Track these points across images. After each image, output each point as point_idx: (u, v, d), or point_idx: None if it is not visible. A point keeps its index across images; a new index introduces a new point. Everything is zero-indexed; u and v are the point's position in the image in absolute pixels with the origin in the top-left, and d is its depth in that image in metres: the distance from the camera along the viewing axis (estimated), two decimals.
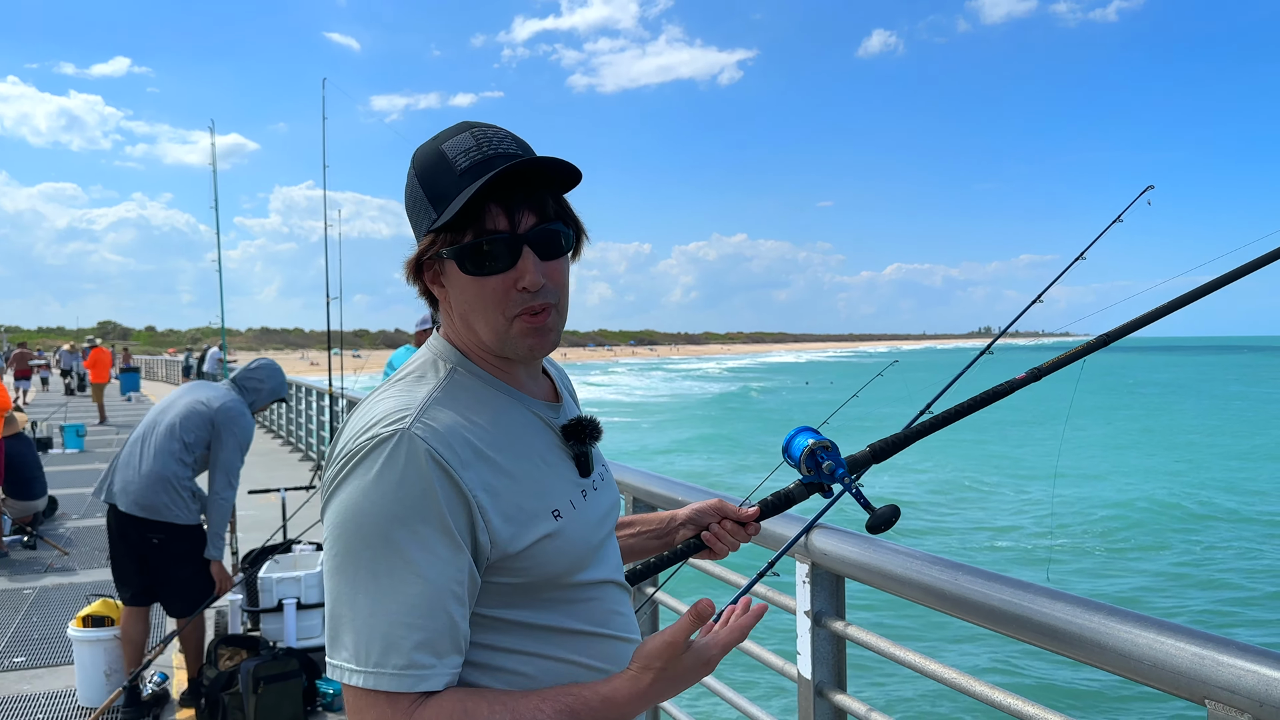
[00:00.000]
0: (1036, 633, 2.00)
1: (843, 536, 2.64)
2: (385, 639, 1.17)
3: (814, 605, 2.78)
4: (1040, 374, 1.97)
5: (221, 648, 4.83)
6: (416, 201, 1.35)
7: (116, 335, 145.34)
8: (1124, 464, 24.89)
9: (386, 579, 1.18)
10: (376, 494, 1.20)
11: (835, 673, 2.79)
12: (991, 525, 17.35)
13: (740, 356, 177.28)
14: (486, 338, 1.34)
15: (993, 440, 27.72)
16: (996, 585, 2.14)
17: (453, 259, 1.31)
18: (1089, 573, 14.09)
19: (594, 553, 1.40)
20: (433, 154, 1.33)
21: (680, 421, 39.12)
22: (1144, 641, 1.76)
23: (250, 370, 5.18)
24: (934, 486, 21.40)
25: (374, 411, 1.28)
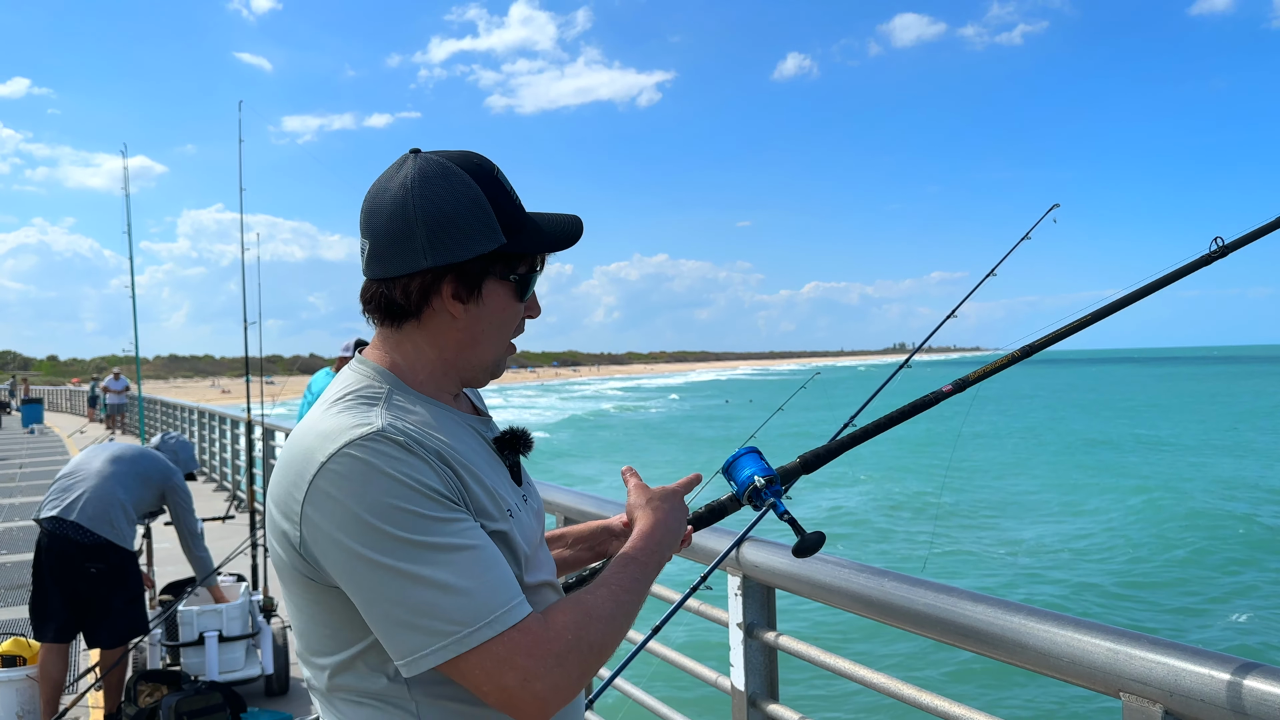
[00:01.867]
0: (960, 635, 2.08)
1: (772, 548, 2.70)
2: (483, 590, 1.21)
3: (745, 617, 2.83)
4: (965, 384, 2.04)
5: (141, 684, 4.69)
6: (473, 216, 1.35)
7: (17, 365, 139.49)
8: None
9: (440, 547, 1.21)
10: (381, 489, 1.22)
11: (767, 683, 2.84)
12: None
13: (663, 375, 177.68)
14: (487, 358, 1.45)
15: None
16: (920, 590, 2.21)
17: (516, 284, 1.41)
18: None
19: (533, 555, 1.45)
20: (493, 179, 1.39)
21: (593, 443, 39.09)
22: (1061, 639, 1.84)
23: (168, 443, 5.39)
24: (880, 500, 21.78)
25: (327, 427, 1.28)
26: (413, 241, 1.34)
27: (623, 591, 1.35)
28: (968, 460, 27.79)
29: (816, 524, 1.82)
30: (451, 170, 1.36)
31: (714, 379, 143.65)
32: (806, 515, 1.93)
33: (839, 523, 18.19)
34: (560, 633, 1.24)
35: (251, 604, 5.45)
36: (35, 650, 4.79)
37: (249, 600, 5.42)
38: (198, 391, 74.43)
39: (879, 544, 16.68)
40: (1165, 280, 2.01)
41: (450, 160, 1.38)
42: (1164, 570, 14.72)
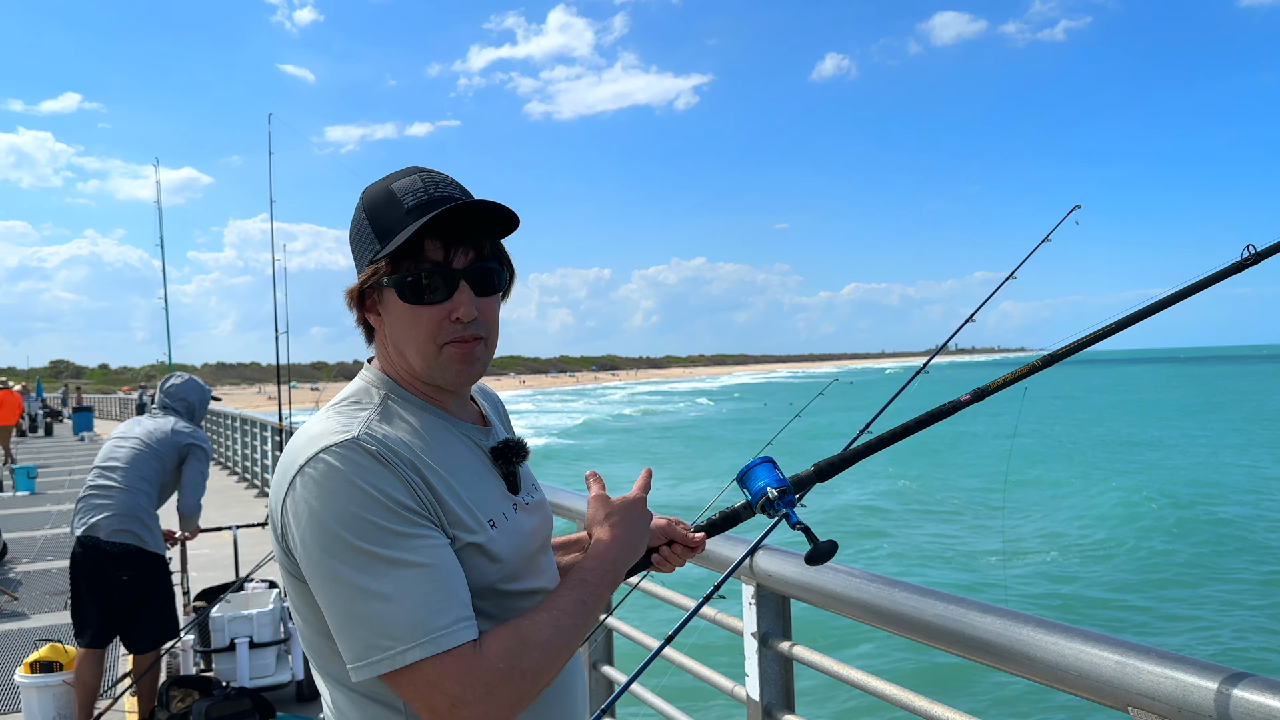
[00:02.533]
0: (969, 647, 2.04)
1: (785, 557, 2.67)
2: (423, 610, 1.23)
3: (760, 626, 2.80)
4: (984, 394, 2.00)
5: (174, 689, 4.75)
6: (362, 234, 1.43)
7: (70, 374, 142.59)
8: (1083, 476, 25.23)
9: (393, 561, 1.24)
10: (345, 495, 1.26)
11: (783, 693, 2.81)
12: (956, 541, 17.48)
13: (696, 379, 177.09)
14: (417, 364, 1.42)
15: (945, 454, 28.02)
16: (930, 601, 2.17)
17: (393, 288, 1.39)
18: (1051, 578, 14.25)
19: (527, 563, 1.47)
20: (382, 192, 1.42)
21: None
22: (1070, 651, 1.80)
23: (174, 393, 5.26)
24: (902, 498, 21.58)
25: (315, 430, 1.34)
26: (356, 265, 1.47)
27: (566, 616, 1.34)
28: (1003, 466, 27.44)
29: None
30: (361, 195, 1.46)
31: (747, 382, 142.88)
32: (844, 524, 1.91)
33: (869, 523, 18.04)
34: (493, 661, 1.25)
35: (282, 610, 5.51)
36: (72, 656, 4.88)
37: (280, 607, 5.48)
38: (244, 398, 75.71)
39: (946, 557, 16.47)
40: (1195, 288, 1.95)
41: (368, 186, 1.47)
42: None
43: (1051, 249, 2.89)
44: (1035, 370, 2.06)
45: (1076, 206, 3.26)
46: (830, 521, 19.10)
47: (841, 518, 19.45)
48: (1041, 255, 2.89)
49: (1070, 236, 3.02)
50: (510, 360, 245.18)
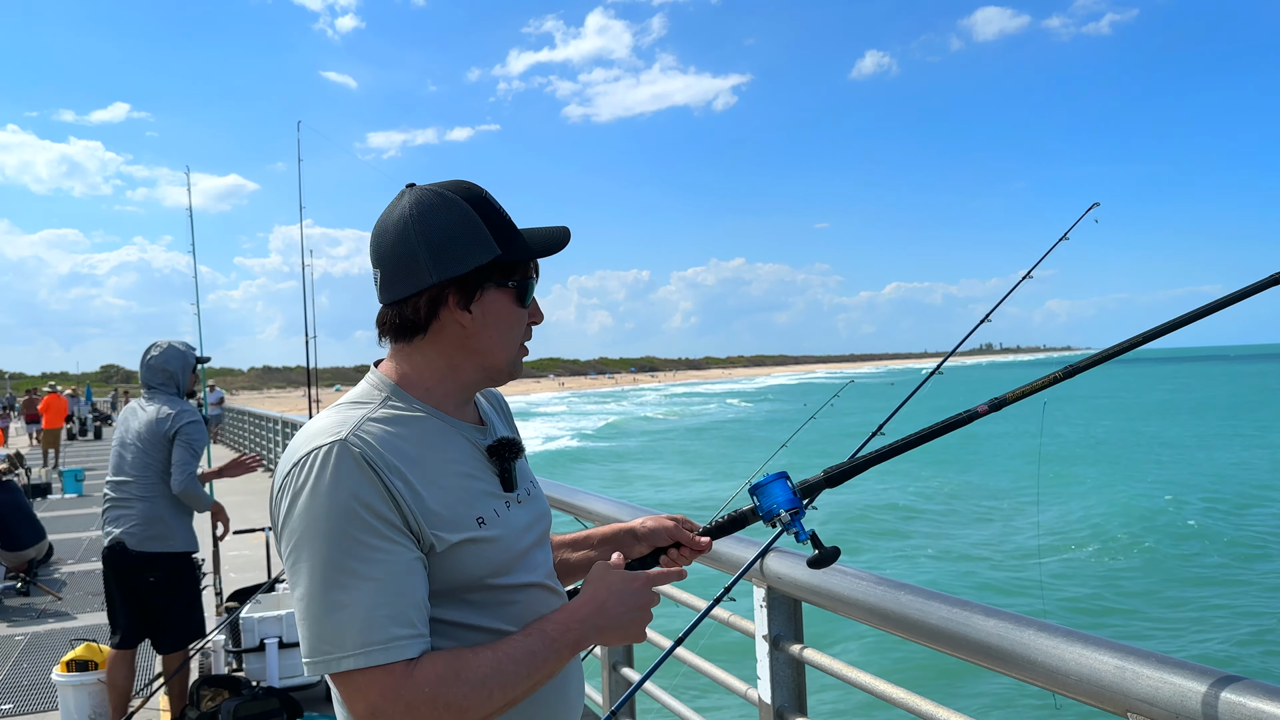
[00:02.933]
0: (972, 651, 2.01)
1: (795, 559, 2.66)
2: (364, 621, 1.29)
3: (771, 629, 2.78)
4: (1001, 404, 1.96)
5: (204, 688, 4.82)
6: (467, 230, 1.48)
7: (120, 378, 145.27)
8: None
9: (351, 569, 1.31)
10: (325, 496, 1.33)
11: (795, 696, 2.79)
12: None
13: (728, 381, 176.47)
14: (500, 359, 1.54)
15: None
16: (935, 604, 2.15)
17: (515, 289, 1.52)
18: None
19: (519, 559, 1.52)
20: (479, 197, 1.52)
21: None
22: (1070, 655, 1.77)
23: (154, 366, 5.02)
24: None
25: (313, 429, 1.42)
26: (416, 263, 1.47)
27: (509, 661, 1.36)
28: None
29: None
30: (444, 196, 1.50)
31: (784, 383, 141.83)
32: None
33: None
34: (419, 683, 1.30)
35: None
36: (106, 655, 4.96)
37: None
38: (289, 401, 76.68)
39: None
40: (1234, 298, 1.90)
41: (443, 188, 1.51)
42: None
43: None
44: (1055, 381, 2.02)
45: (1095, 204, 3.21)
46: (863, 519, 18.98)
47: (875, 516, 19.32)
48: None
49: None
50: (550, 362, 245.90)
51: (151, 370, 5.01)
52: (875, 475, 16.37)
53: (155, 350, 5.04)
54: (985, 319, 3.17)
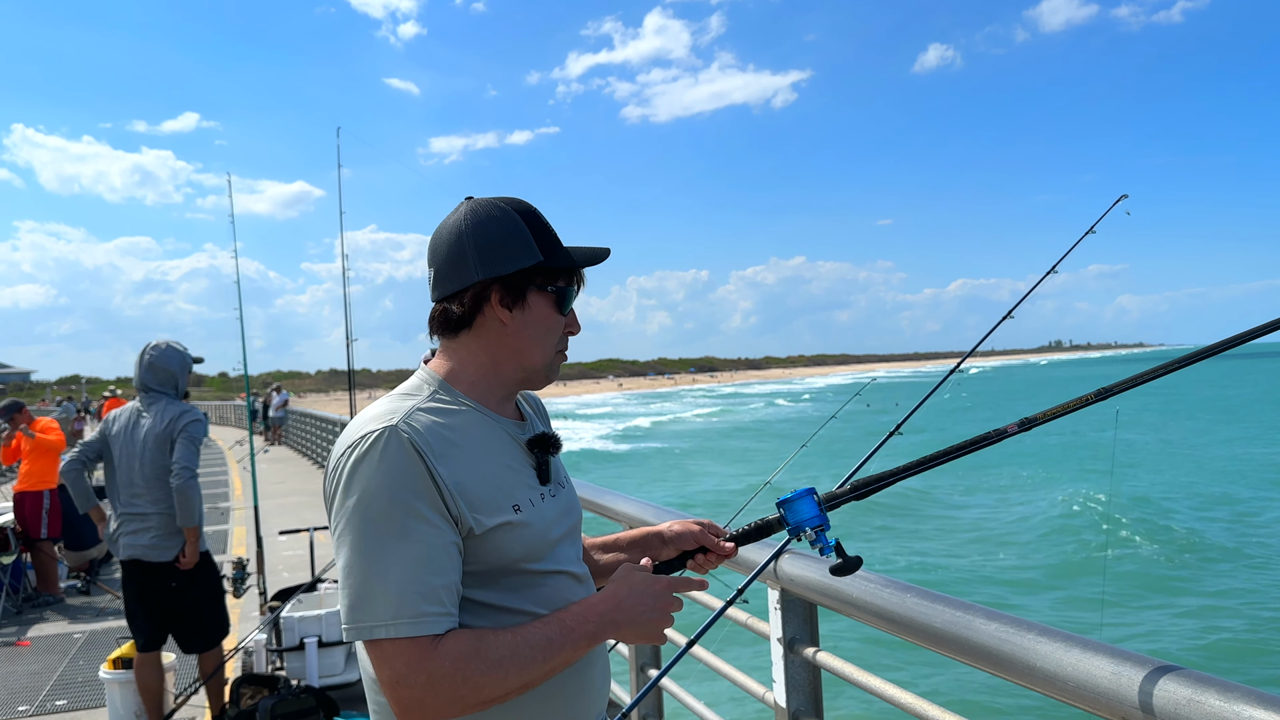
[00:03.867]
0: (974, 654, 1.97)
1: (809, 561, 2.62)
2: (398, 595, 1.39)
3: (786, 632, 2.75)
4: (1030, 424, 1.91)
5: (244, 686, 4.90)
6: (514, 238, 1.60)
7: (191, 383, 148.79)
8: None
9: (392, 546, 1.41)
10: (374, 478, 1.43)
11: (811, 700, 2.75)
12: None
13: (779, 381, 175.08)
14: (537, 361, 1.65)
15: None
16: (939, 606, 2.11)
17: (555, 294, 1.63)
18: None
19: (550, 547, 1.62)
20: (527, 208, 1.65)
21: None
22: (1069, 660, 1.72)
23: (156, 366, 4.97)
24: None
25: (367, 415, 1.53)
26: (465, 261, 1.60)
27: (527, 646, 1.44)
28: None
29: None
30: (496, 205, 1.63)
31: (837, 383, 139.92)
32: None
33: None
34: (442, 657, 1.40)
35: None
36: (135, 660, 5.05)
37: None
38: (356, 404, 77.80)
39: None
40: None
41: (497, 200, 1.66)
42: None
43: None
44: (1087, 403, 1.96)
45: (1124, 196, 3.12)
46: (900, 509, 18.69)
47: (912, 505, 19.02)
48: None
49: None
50: (609, 363, 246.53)
51: (153, 370, 4.93)
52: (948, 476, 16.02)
53: (153, 350, 4.95)
54: (1008, 315, 3.10)
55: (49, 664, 6.82)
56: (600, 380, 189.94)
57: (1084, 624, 11.81)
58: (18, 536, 8.80)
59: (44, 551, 8.95)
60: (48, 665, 6.79)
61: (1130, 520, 18.00)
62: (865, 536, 16.93)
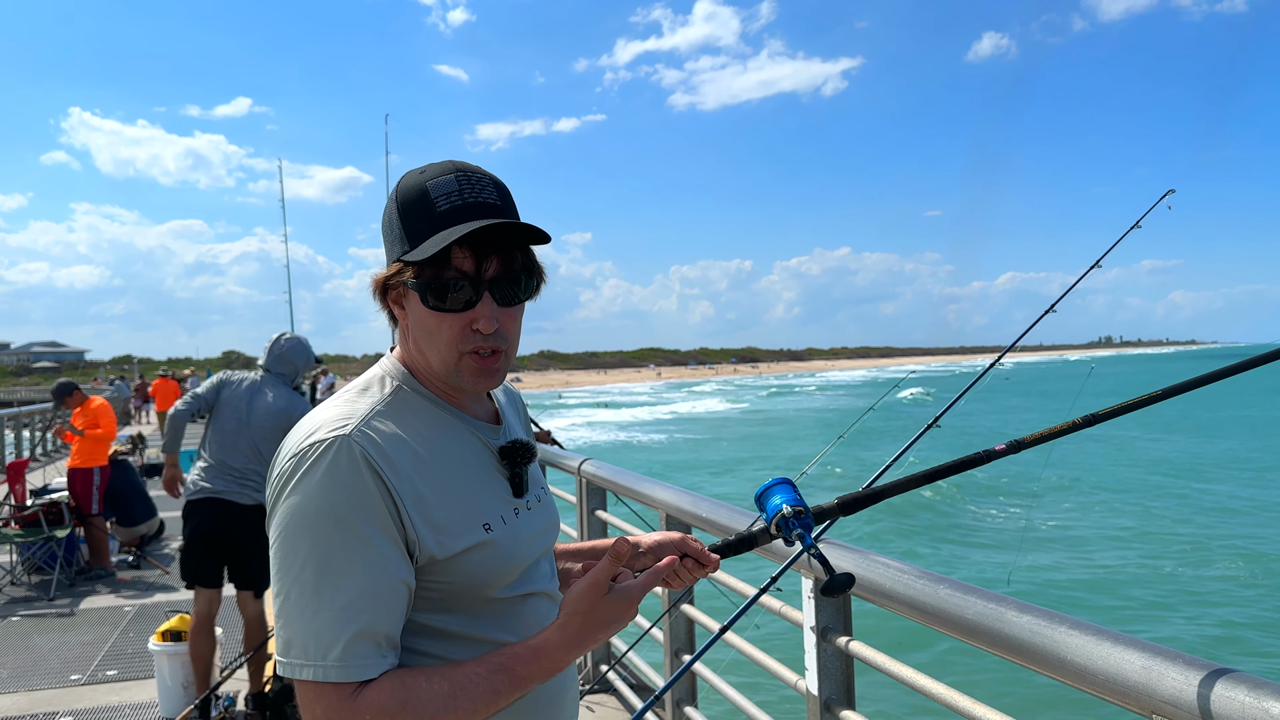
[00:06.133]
0: (1006, 647, 1.97)
1: (843, 551, 2.63)
2: (326, 633, 1.24)
3: (819, 621, 2.76)
4: (1020, 446, 1.92)
5: None
6: (392, 228, 1.41)
7: (241, 364, 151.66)
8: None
9: (329, 577, 1.25)
10: (318, 495, 1.27)
11: (844, 689, 2.76)
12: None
13: (805, 374, 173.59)
14: (437, 367, 1.42)
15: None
16: (972, 598, 2.11)
17: (417, 291, 1.38)
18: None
19: (523, 568, 1.47)
20: (416, 189, 1.39)
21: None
22: (1099, 654, 1.72)
23: (284, 356, 5.35)
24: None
25: (317, 419, 1.36)
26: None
27: (465, 698, 1.26)
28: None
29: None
30: (395, 188, 1.44)
31: (865, 377, 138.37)
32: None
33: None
34: (361, 709, 1.24)
35: None
36: (189, 630, 5.18)
37: None
38: None
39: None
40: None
41: (406, 176, 1.44)
42: None
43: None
44: (1075, 429, 1.96)
45: (1170, 191, 3.10)
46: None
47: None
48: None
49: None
50: (649, 352, 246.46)
51: (281, 359, 5.29)
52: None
53: (286, 340, 5.33)
54: (1050, 310, 3.10)
55: (100, 635, 7.02)
56: (641, 369, 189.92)
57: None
58: (71, 511, 9.04)
59: (96, 526, 9.18)
60: (99, 636, 6.98)
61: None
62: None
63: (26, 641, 6.88)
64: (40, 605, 8.00)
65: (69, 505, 9.06)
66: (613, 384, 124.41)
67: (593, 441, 41.16)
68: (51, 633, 7.12)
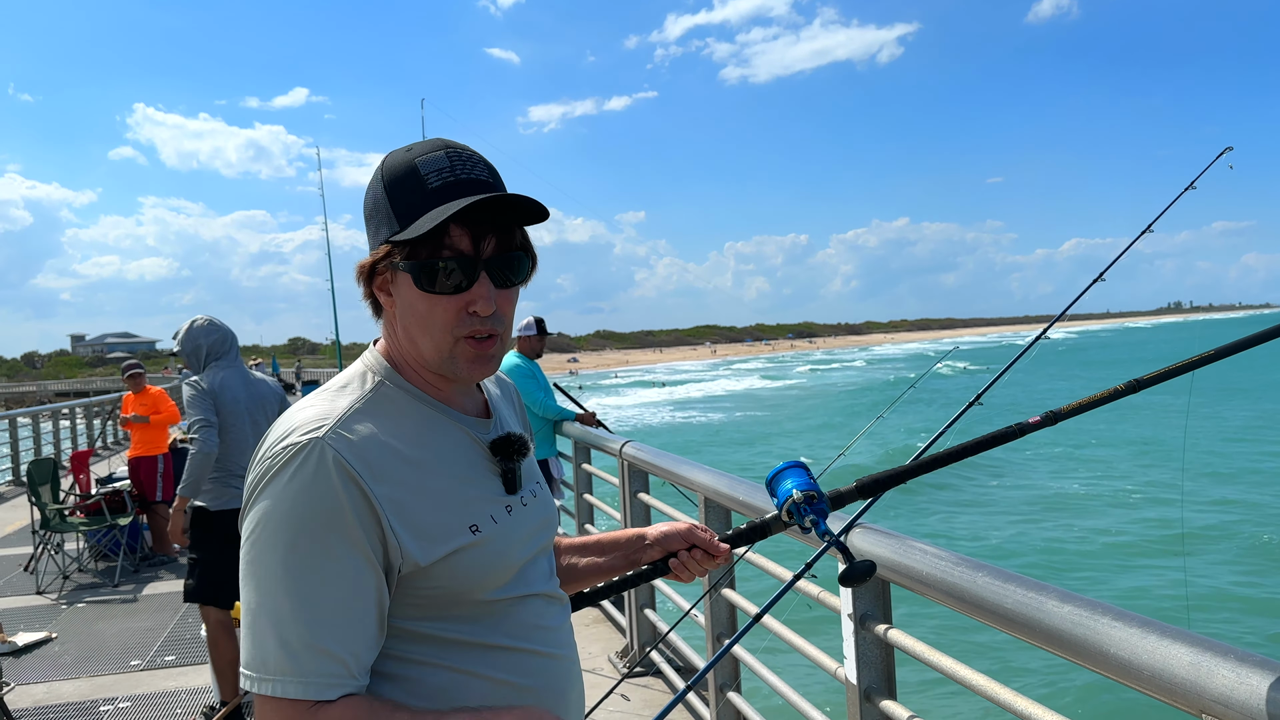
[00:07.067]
0: (1046, 637, 1.87)
1: (880, 536, 2.54)
2: (285, 646, 1.19)
3: (857, 608, 2.67)
4: (1056, 418, 1.83)
5: None
6: (379, 209, 1.34)
7: (305, 350, 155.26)
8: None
9: (290, 587, 1.20)
10: (287, 502, 1.21)
11: (884, 678, 2.67)
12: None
13: (849, 348, 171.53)
14: (429, 354, 1.34)
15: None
16: (1011, 586, 2.01)
17: (409, 273, 1.30)
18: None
19: (517, 568, 1.39)
20: (404, 165, 1.33)
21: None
22: (1145, 647, 1.62)
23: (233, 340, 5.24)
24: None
25: (294, 420, 1.29)
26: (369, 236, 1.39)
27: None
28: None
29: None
30: (379, 167, 1.36)
31: (915, 350, 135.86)
32: None
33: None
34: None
35: None
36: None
37: None
38: None
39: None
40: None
41: (391, 155, 1.37)
42: None
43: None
44: (1118, 395, 1.86)
45: (1228, 149, 2.93)
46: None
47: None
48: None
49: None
50: (705, 330, 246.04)
51: (231, 342, 5.21)
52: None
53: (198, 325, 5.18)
54: (1099, 278, 2.96)
55: (161, 621, 7.15)
56: (697, 347, 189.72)
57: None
58: (134, 499, 9.23)
59: (159, 514, 9.36)
60: (160, 622, 7.11)
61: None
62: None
63: (91, 627, 7.03)
64: (105, 592, 8.18)
65: (131, 494, 9.24)
66: (666, 362, 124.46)
67: (627, 420, 41.08)
68: (115, 619, 7.27)
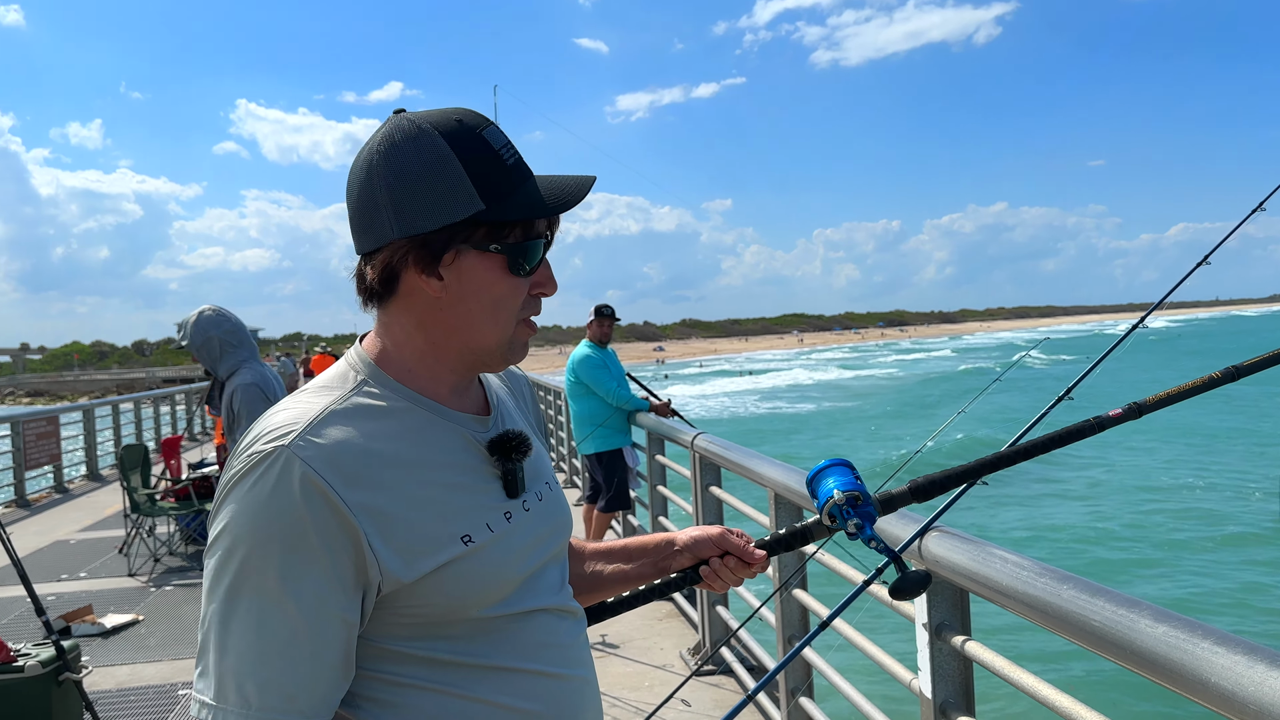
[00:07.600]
0: (1136, 659, 1.70)
1: (958, 541, 2.38)
2: (232, 674, 1.09)
3: (932, 617, 2.51)
4: (1141, 410, 1.70)
5: None
6: (439, 179, 1.18)
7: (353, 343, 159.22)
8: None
9: (251, 616, 1.09)
10: (246, 517, 1.10)
11: (962, 693, 2.51)
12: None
13: (935, 339, 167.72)
14: (490, 341, 1.24)
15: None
16: (1099, 601, 1.84)
17: (505, 254, 1.20)
18: None
19: (520, 580, 1.26)
20: (473, 137, 1.20)
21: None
22: (1252, 677, 1.44)
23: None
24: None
25: (265, 424, 1.17)
26: (379, 211, 1.19)
27: None
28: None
29: None
30: (422, 130, 1.19)
31: (1006, 339, 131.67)
32: None
33: None
34: None
35: None
36: None
37: None
38: (548, 359, 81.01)
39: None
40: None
41: (425, 119, 1.21)
42: None
43: None
44: (1214, 384, 1.73)
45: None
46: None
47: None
48: None
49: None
50: (793, 318, 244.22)
51: (246, 335, 5.24)
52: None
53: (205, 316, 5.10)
54: (1203, 261, 2.76)
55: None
56: (784, 336, 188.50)
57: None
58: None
59: None
60: None
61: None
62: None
63: (177, 611, 7.19)
64: (193, 575, 8.36)
65: (216, 480, 9.44)
66: (750, 351, 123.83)
67: (712, 410, 40.82)
68: (199, 603, 7.41)
